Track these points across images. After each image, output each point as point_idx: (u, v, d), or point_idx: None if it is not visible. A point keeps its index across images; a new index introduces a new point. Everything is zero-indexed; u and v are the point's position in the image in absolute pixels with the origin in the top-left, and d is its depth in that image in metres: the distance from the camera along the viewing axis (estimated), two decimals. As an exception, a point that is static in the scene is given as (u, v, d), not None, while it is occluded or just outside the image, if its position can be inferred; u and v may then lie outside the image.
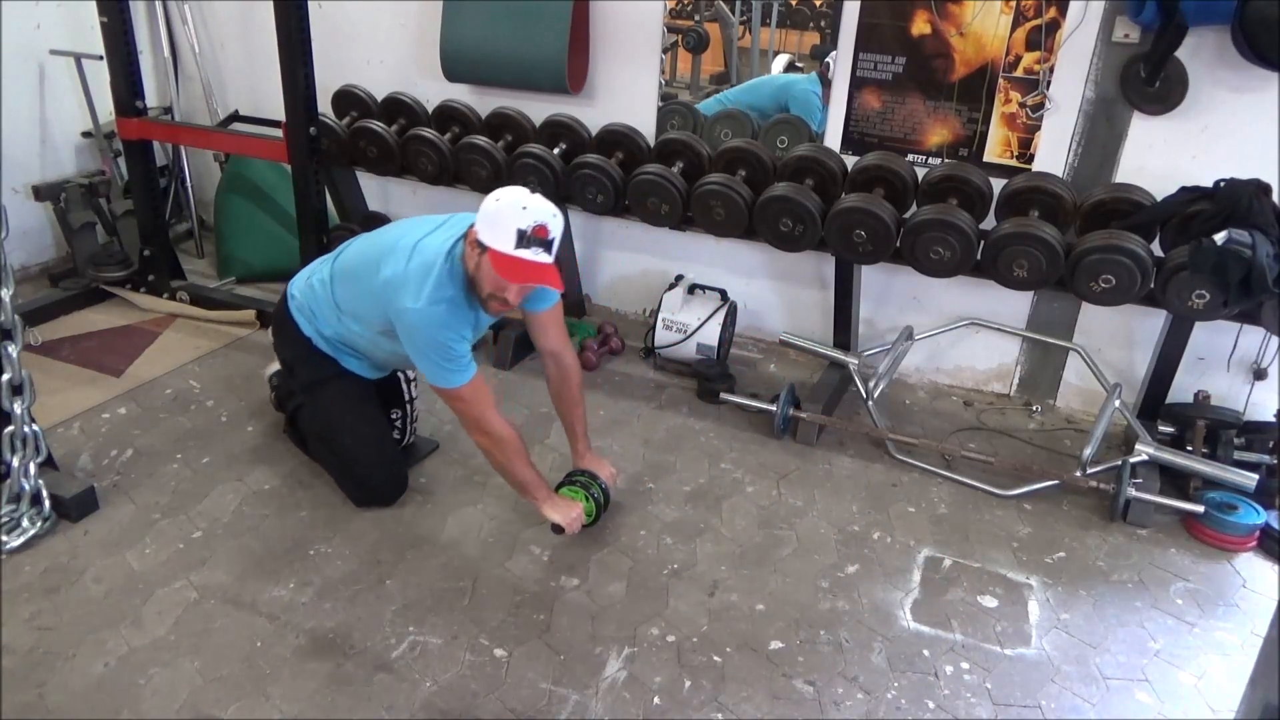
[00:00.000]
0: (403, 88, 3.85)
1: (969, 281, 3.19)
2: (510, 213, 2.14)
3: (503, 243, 2.13)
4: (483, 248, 2.17)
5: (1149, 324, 3.16)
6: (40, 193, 3.82)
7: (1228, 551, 2.67)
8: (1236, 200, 2.66)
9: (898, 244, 3.01)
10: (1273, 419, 2.95)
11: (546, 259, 2.18)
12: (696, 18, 3.47)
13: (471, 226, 2.23)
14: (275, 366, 2.99)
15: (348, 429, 2.62)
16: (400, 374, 2.78)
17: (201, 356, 3.47)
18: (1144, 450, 2.79)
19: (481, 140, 3.51)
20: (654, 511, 2.71)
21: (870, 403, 3.12)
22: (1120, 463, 2.81)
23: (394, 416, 2.79)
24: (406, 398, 2.80)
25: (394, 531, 2.55)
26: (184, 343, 3.56)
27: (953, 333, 3.43)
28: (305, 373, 2.68)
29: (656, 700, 2.05)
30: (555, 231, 2.18)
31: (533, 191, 2.22)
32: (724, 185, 3.16)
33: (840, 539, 2.63)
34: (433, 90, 3.82)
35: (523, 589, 2.36)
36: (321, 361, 2.62)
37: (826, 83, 3.33)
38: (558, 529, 2.49)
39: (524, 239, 2.12)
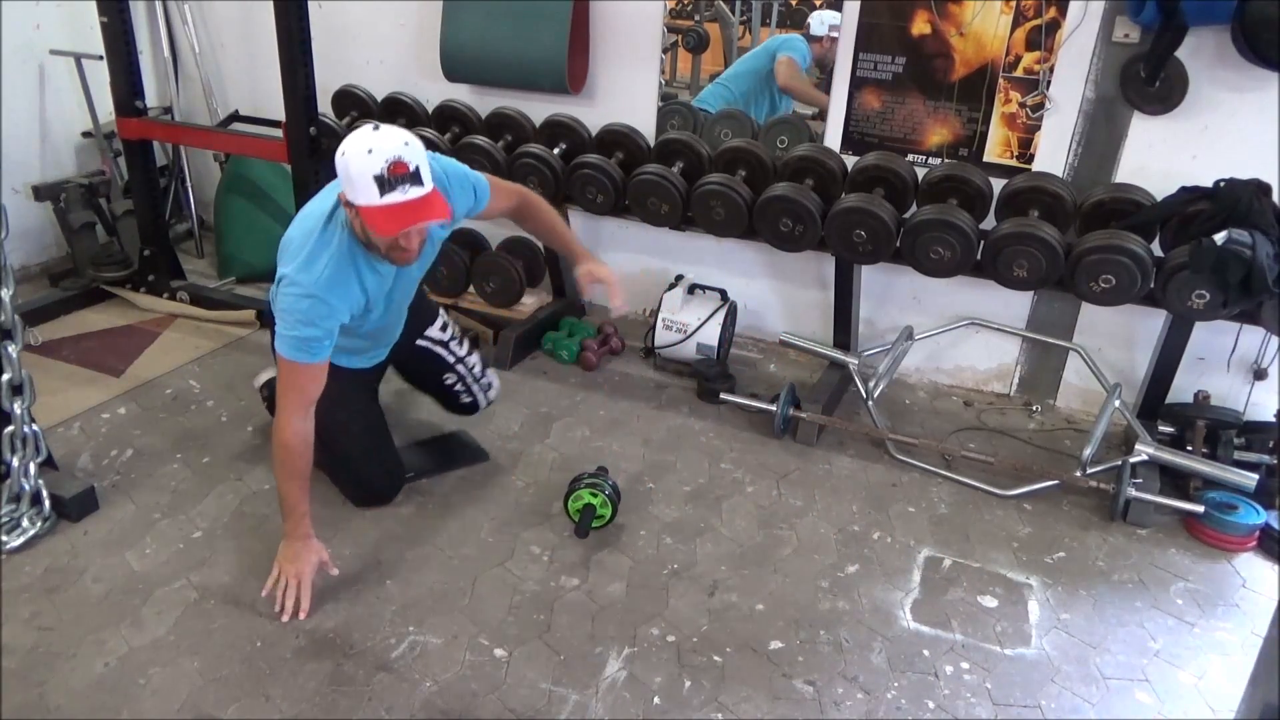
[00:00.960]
0: (403, 88, 3.85)
1: (969, 281, 3.19)
2: (358, 164, 1.94)
3: (367, 196, 1.96)
4: (355, 208, 2.03)
5: (1149, 324, 3.16)
6: (40, 193, 3.82)
7: (1228, 551, 2.67)
8: (1236, 200, 2.66)
9: (898, 244, 3.01)
10: (1273, 419, 2.95)
11: (420, 190, 1.98)
12: (696, 18, 3.47)
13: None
14: (265, 376, 2.96)
15: (340, 428, 2.53)
16: (427, 341, 2.67)
17: (201, 356, 3.47)
18: (1144, 450, 2.79)
19: (481, 140, 3.51)
20: (654, 511, 2.71)
21: (870, 403, 3.12)
22: (1120, 463, 2.81)
23: (449, 382, 2.70)
24: (451, 360, 2.69)
25: (394, 531, 2.55)
26: (184, 343, 3.56)
27: (953, 333, 3.43)
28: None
29: (656, 700, 2.05)
30: (415, 159, 1.98)
31: (375, 129, 2.00)
32: (724, 185, 3.16)
33: (840, 539, 2.63)
34: (433, 90, 3.82)
35: (523, 589, 2.36)
36: None
37: (812, 38, 3.37)
38: (582, 533, 2.51)
39: (385, 184, 1.94)
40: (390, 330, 2.61)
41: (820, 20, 3.33)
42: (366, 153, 1.94)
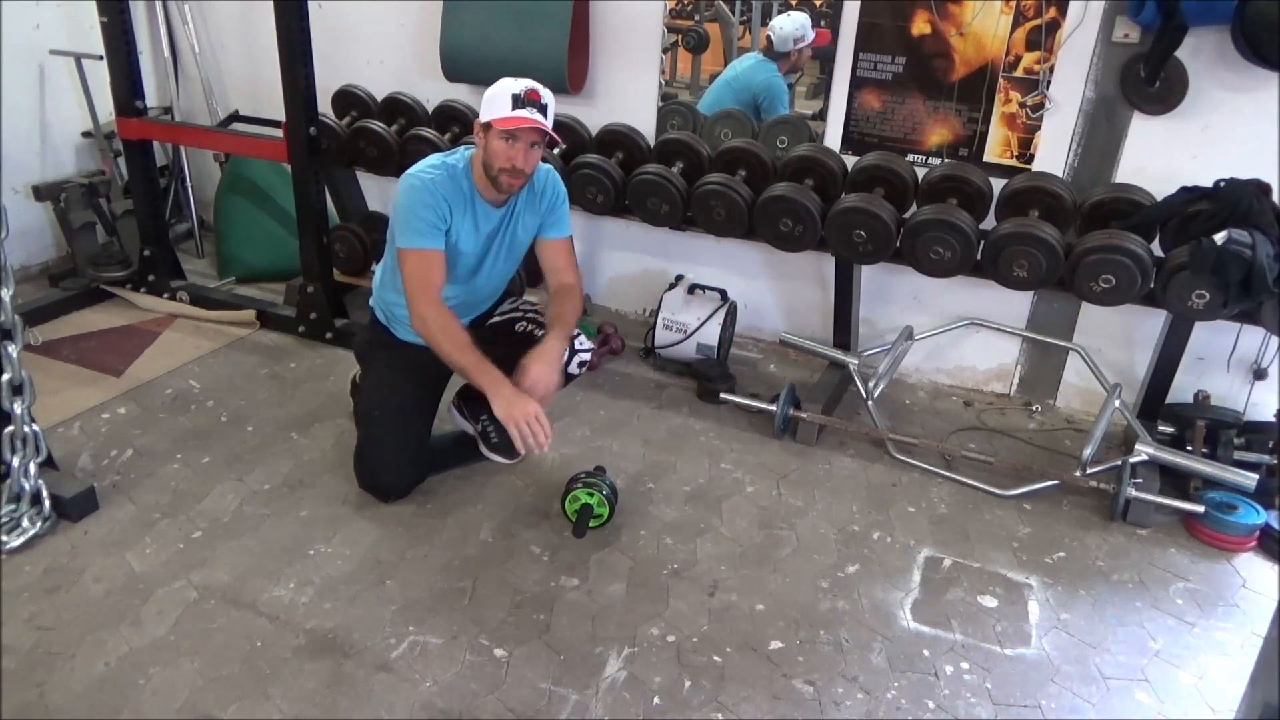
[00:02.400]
0: (403, 88, 3.85)
1: (969, 281, 3.19)
2: (504, 86, 2.38)
3: (500, 109, 2.35)
4: (486, 127, 2.39)
5: (1149, 324, 3.16)
6: (40, 193, 3.82)
7: (1228, 551, 2.67)
8: (1236, 200, 2.66)
9: (898, 244, 3.00)
10: (1273, 419, 2.95)
11: (542, 118, 2.37)
12: (696, 18, 3.47)
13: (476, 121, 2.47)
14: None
15: (377, 405, 2.64)
16: (498, 316, 2.75)
17: (201, 356, 3.47)
18: (1144, 450, 2.79)
19: (481, 140, 3.51)
20: (654, 511, 2.71)
21: (870, 403, 3.12)
22: (1120, 463, 2.81)
23: (520, 330, 2.72)
24: (520, 314, 2.75)
25: (394, 531, 2.55)
26: (184, 343, 3.56)
27: (953, 333, 3.43)
28: (359, 341, 2.81)
29: (656, 700, 2.05)
30: (547, 98, 2.40)
31: None
32: (724, 185, 3.16)
33: (840, 539, 2.63)
34: (433, 90, 3.82)
35: (523, 589, 2.36)
36: (375, 330, 2.71)
37: (780, 57, 3.38)
38: (579, 533, 2.52)
39: (518, 101, 2.34)
40: (464, 308, 2.68)
41: (783, 38, 3.33)
42: (513, 80, 2.38)
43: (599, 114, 3.63)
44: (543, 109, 2.38)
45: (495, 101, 2.37)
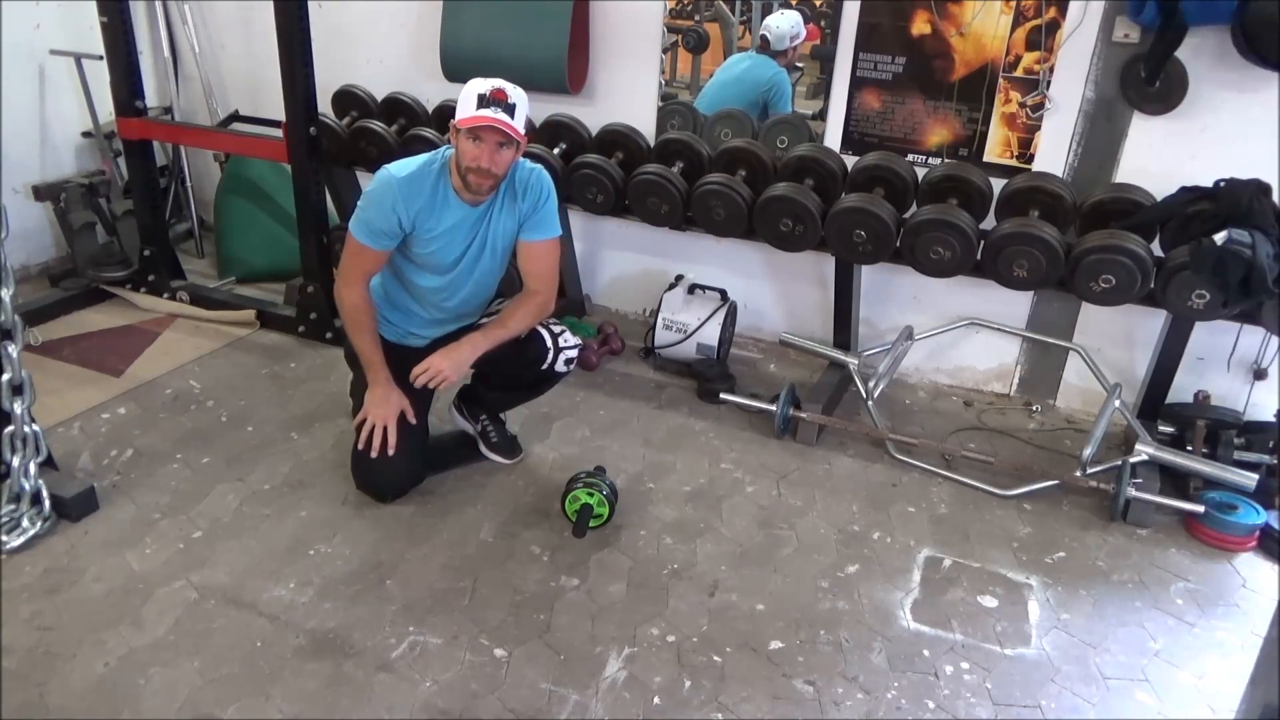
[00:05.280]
0: (403, 88, 3.85)
1: (969, 281, 3.19)
2: (472, 86, 2.38)
3: (466, 109, 2.35)
4: (456, 128, 2.38)
5: (1149, 324, 3.16)
6: (40, 193, 3.82)
7: (1228, 551, 2.67)
8: (1236, 200, 2.66)
9: (898, 244, 3.00)
10: (1273, 419, 2.95)
11: (508, 118, 2.35)
12: (696, 18, 3.47)
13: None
14: None
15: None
16: (488, 317, 2.73)
17: (201, 356, 3.47)
18: (1144, 450, 2.79)
19: (481, 140, 3.51)
20: (654, 511, 2.71)
21: (870, 403, 3.12)
22: (1120, 463, 2.80)
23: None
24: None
25: (394, 531, 2.55)
26: (184, 343, 3.57)
27: (953, 333, 3.43)
28: (350, 345, 2.75)
29: (656, 700, 2.05)
30: (515, 97, 2.37)
31: None
32: (724, 185, 3.16)
33: (840, 539, 2.63)
34: (433, 90, 3.82)
35: (523, 589, 2.36)
36: None
37: (777, 55, 3.39)
38: (579, 533, 2.52)
39: (484, 101, 2.34)
40: (452, 310, 2.68)
41: (779, 36, 3.34)
42: (483, 80, 2.38)
43: (599, 114, 3.63)
44: (509, 109, 2.35)
45: (464, 100, 2.37)
